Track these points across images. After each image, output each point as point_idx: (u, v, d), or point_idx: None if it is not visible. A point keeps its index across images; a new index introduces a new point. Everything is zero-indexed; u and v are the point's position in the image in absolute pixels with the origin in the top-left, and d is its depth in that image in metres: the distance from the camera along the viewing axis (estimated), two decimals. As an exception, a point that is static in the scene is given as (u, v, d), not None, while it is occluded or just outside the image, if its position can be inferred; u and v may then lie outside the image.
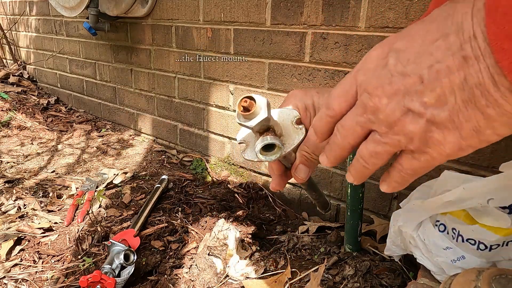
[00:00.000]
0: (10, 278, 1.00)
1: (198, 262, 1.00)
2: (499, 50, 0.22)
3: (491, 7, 0.23)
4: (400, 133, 0.28)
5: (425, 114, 0.26)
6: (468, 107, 0.25)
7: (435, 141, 0.27)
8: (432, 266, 0.78)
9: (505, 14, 0.22)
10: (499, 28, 0.22)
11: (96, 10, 1.77)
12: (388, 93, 0.28)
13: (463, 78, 0.24)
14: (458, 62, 0.24)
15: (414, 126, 0.27)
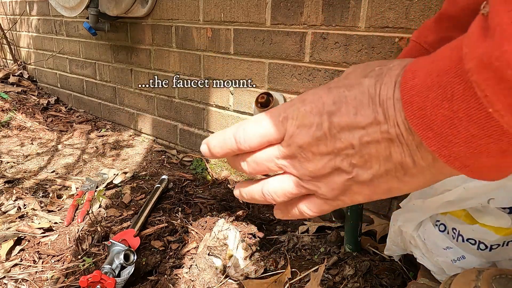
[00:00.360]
0: (10, 278, 1.00)
1: (198, 262, 1.00)
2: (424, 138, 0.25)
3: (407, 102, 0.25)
4: (322, 183, 0.31)
5: (351, 173, 0.29)
6: (388, 174, 0.29)
7: (351, 192, 0.31)
8: (432, 266, 0.78)
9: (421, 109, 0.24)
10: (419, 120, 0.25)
11: (96, 10, 1.77)
12: (321, 152, 0.30)
13: (389, 153, 0.28)
14: (385, 141, 0.28)
15: (339, 180, 0.30)
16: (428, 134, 0.24)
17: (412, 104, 0.24)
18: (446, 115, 0.23)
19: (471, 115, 0.22)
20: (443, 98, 0.23)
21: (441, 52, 0.24)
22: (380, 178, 0.29)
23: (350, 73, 0.31)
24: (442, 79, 0.23)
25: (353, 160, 0.29)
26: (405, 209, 0.84)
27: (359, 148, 0.28)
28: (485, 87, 0.21)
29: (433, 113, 0.23)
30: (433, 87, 0.23)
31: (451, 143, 0.24)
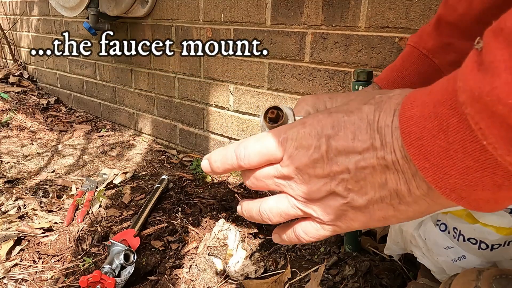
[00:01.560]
0: (10, 278, 1.00)
1: (198, 262, 1.00)
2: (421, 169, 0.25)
3: (405, 131, 0.26)
4: (318, 207, 0.31)
5: (346, 198, 0.30)
6: (384, 201, 0.29)
7: (347, 218, 0.31)
8: (433, 265, 0.78)
9: (418, 138, 0.25)
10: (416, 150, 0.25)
11: (96, 10, 1.77)
12: (317, 175, 0.30)
13: (384, 180, 0.28)
14: (381, 167, 0.28)
15: (334, 204, 0.30)
16: (425, 165, 0.24)
17: (411, 134, 0.25)
18: (442, 146, 0.23)
19: (466, 147, 0.22)
20: (439, 129, 0.23)
21: (438, 84, 0.25)
22: (375, 204, 0.29)
23: (352, 100, 0.32)
24: (438, 110, 0.23)
25: (349, 185, 0.29)
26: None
27: (354, 173, 0.29)
28: (478, 120, 0.21)
29: (430, 143, 0.24)
30: (430, 117, 0.24)
31: (447, 174, 0.24)
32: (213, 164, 0.35)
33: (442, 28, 0.55)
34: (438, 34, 0.55)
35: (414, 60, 0.56)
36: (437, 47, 0.55)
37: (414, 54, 0.57)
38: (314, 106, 0.47)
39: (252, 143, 0.32)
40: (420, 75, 0.56)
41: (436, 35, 0.55)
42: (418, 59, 0.56)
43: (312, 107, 0.46)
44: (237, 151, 0.33)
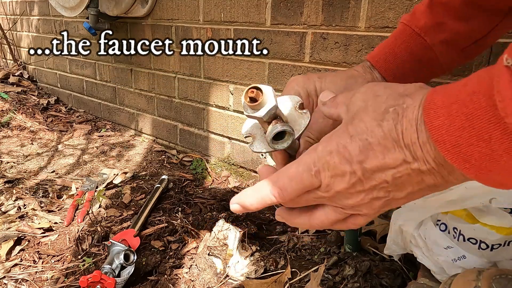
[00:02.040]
0: (10, 278, 1.00)
1: (198, 262, 1.00)
2: (463, 169, 0.28)
3: (439, 141, 0.28)
4: (364, 208, 0.35)
5: (388, 196, 0.34)
6: (421, 191, 0.33)
7: (389, 206, 0.35)
8: (433, 265, 0.78)
9: (455, 146, 0.28)
10: (454, 156, 0.28)
11: (96, 10, 1.77)
12: (359, 191, 0.34)
13: (421, 179, 0.32)
14: (416, 173, 0.31)
15: (378, 203, 0.35)
16: (466, 165, 0.28)
17: (445, 143, 0.28)
18: (484, 152, 0.26)
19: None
20: (479, 139, 0.26)
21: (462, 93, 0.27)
22: (414, 194, 0.34)
23: (361, 111, 0.34)
24: (475, 123, 0.26)
25: (389, 189, 0.33)
26: (406, 208, 0.84)
27: (392, 182, 0.33)
28: None
29: (469, 150, 0.27)
30: (465, 129, 0.26)
31: (492, 171, 0.27)
32: (250, 207, 0.38)
33: (435, 7, 0.55)
34: (430, 13, 0.55)
35: (406, 38, 0.57)
36: (429, 26, 0.56)
37: (406, 32, 0.57)
38: (304, 87, 0.48)
39: (287, 183, 0.35)
40: (412, 54, 0.57)
41: (429, 14, 0.56)
42: (410, 37, 0.57)
43: (302, 88, 0.48)
44: (275, 193, 0.36)
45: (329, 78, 0.51)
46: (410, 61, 0.57)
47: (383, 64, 0.57)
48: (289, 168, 0.36)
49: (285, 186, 0.35)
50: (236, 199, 0.39)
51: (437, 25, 0.55)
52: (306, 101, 0.49)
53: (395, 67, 0.57)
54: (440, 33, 0.55)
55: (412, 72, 0.58)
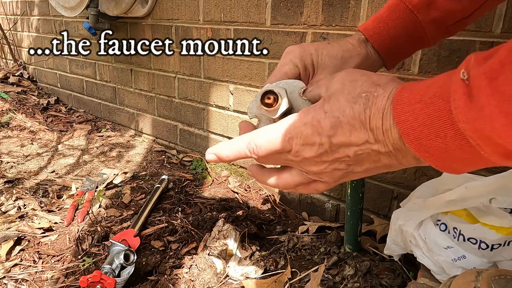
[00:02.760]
0: (10, 278, 1.00)
1: (198, 262, 1.00)
2: (423, 157, 0.33)
3: (404, 133, 0.33)
4: (325, 176, 0.41)
5: (348, 169, 0.39)
6: (377, 169, 0.39)
7: (347, 178, 0.41)
8: (433, 265, 0.78)
9: (417, 139, 0.33)
10: (416, 146, 0.33)
11: (96, 10, 1.77)
12: (323, 161, 0.39)
13: (378, 159, 0.37)
14: (375, 153, 0.37)
15: (338, 173, 0.40)
16: (426, 154, 0.33)
17: (409, 135, 0.33)
18: (441, 146, 0.31)
19: (464, 149, 0.30)
20: (437, 136, 0.31)
21: (426, 96, 0.32)
22: (371, 170, 0.39)
23: (338, 92, 0.38)
24: (434, 122, 0.31)
25: (349, 162, 0.39)
26: (406, 208, 0.84)
27: (354, 157, 0.38)
28: (479, 142, 0.29)
29: (428, 143, 0.32)
30: (426, 126, 0.31)
31: (446, 161, 0.32)
32: (225, 158, 0.42)
33: None
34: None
35: (399, 14, 0.59)
36: (422, 3, 0.57)
37: (400, 7, 0.59)
38: (302, 59, 0.52)
39: (263, 142, 0.40)
40: (404, 29, 0.59)
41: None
42: (404, 13, 0.58)
43: (300, 59, 0.52)
44: (250, 148, 0.40)
45: (325, 51, 0.54)
46: (402, 37, 0.59)
47: (377, 39, 0.59)
48: (267, 130, 0.40)
49: (260, 144, 0.40)
50: (213, 149, 0.43)
51: (429, 3, 0.57)
52: (303, 73, 0.52)
53: (389, 42, 0.59)
54: (431, 11, 0.57)
55: (402, 47, 0.60)
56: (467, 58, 0.30)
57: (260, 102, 0.42)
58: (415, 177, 1.07)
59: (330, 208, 1.28)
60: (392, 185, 1.12)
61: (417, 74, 1.02)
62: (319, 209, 1.31)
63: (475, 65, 0.28)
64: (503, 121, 0.26)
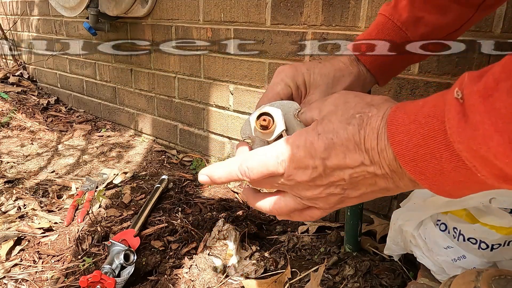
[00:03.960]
0: (10, 278, 1.00)
1: (198, 262, 1.00)
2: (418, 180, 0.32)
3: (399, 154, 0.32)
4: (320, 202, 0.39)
5: (343, 194, 0.38)
6: (374, 193, 0.37)
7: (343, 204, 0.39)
8: (433, 265, 0.78)
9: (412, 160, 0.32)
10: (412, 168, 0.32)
11: (96, 10, 1.77)
12: (317, 185, 0.37)
13: (374, 182, 0.36)
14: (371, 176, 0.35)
15: (334, 198, 0.38)
16: (422, 177, 0.32)
17: (405, 156, 0.32)
18: (436, 168, 0.30)
19: (459, 171, 0.29)
20: (432, 157, 0.30)
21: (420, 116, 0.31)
22: (367, 195, 0.38)
23: (331, 114, 0.37)
24: (429, 143, 0.30)
25: (345, 187, 0.37)
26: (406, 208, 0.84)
27: (349, 181, 0.36)
28: (475, 163, 0.28)
29: (424, 165, 0.31)
30: (421, 147, 0.30)
31: (442, 184, 0.31)
32: (217, 180, 0.41)
33: (416, 2, 0.57)
34: (412, 7, 0.57)
35: (389, 32, 0.59)
36: (410, 20, 0.58)
37: (388, 25, 0.59)
38: (294, 78, 0.51)
39: (254, 165, 0.38)
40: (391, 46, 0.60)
41: (410, 7, 0.57)
42: (393, 31, 0.59)
43: (292, 79, 0.51)
44: (241, 171, 0.39)
45: (317, 70, 0.53)
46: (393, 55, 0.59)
47: (367, 58, 0.59)
48: (259, 152, 0.39)
49: (252, 167, 0.38)
50: (205, 171, 0.41)
51: (417, 20, 0.57)
52: (295, 92, 0.51)
53: (379, 60, 0.59)
54: (420, 27, 0.57)
55: (393, 64, 0.60)
56: (461, 77, 0.29)
57: (255, 124, 0.41)
58: (415, 177, 1.07)
59: (330, 208, 1.28)
60: (392, 185, 1.12)
61: (417, 74, 1.02)
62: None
63: (469, 83, 0.28)
64: (498, 140, 0.25)
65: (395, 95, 1.07)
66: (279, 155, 0.38)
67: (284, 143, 0.38)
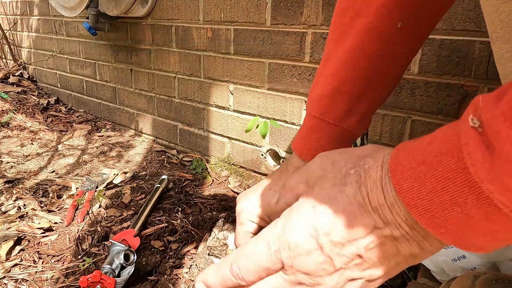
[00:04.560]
0: (10, 278, 1.00)
1: (198, 262, 1.00)
2: (438, 234, 0.26)
3: (411, 205, 0.26)
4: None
5: (364, 276, 0.30)
6: (399, 264, 0.30)
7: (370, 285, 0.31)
8: (432, 265, 0.78)
9: (428, 210, 0.26)
10: (429, 220, 0.26)
11: (96, 10, 1.77)
12: (330, 272, 0.29)
13: (396, 249, 0.29)
14: (390, 240, 0.28)
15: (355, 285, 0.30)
16: (442, 230, 0.25)
17: (418, 206, 0.26)
18: (460, 218, 0.24)
19: (491, 218, 0.23)
20: (453, 204, 0.24)
21: (429, 155, 0.25)
22: (393, 269, 0.30)
23: (321, 180, 0.32)
24: (448, 187, 0.24)
25: (363, 266, 0.29)
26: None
27: (366, 255, 0.29)
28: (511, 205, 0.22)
29: (443, 215, 0.25)
30: (437, 193, 0.25)
31: (470, 237, 0.25)
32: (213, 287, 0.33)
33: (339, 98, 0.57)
34: (337, 104, 0.57)
35: (325, 131, 0.58)
36: (341, 115, 0.57)
37: (322, 125, 0.59)
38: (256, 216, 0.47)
39: (244, 263, 0.31)
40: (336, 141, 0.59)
41: (336, 105, 0.57)
42: (328, 128, 0.58)
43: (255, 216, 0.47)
44: (234, 273, 0.31)
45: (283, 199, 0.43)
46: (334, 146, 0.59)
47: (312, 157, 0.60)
48: (247, 245, 0.32)
49: (243, 265, 0.31)
50: (200, 277, 0.34)
51: (347, 112, 0.57)
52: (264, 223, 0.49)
53: None
54: (352, 117, 0.57)
55: None
56: (473, 102, 0.24)
57: None
58: (415, 177, 1.07)
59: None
60: (392, 185, 1.12)
61: (417, 74, 1.02)
62: (319, 209, 1.30)
63: (486, 107, 0.22)
64: None
65: (395, 95, 1.07)
66: (270, 244, 0.30)
67: (272, 229, 0.31)
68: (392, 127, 1.10)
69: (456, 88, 0.97)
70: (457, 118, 1.06)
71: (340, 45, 0.55)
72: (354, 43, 0.53)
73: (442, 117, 1.00)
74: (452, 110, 0.98)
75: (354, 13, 0.52)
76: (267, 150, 1.44)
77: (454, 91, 0.97)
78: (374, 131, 1.13)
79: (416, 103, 1.04)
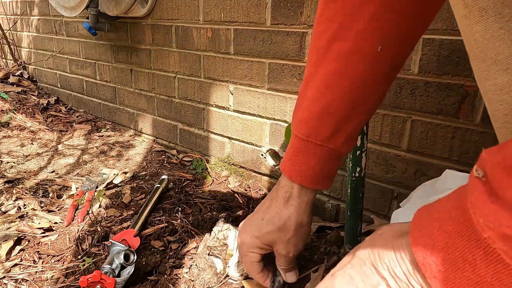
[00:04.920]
0: (10, 278, 1.00)
1: (198, 262, 1.00)
2: None
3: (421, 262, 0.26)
4: None
5: None
6: None
7: None
8: None
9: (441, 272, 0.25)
10: (442, 283, 0.25)
11: (96, 10, 1.77)
12: None
13: None
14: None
15: None
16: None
17: (431, 266, 0.25)
18: (472, 278, 0.23)
19: (501, 278, 0.22)
20: (464, 262, 0.23)
21: (443, 212, 0.25)
22: None
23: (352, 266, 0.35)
24: (457, 242, 0.23)
25: None
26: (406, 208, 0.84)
27: None
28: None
29: (454, 276, 0.24)
30: (449, 249, 0.24)
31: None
32: None
33: (326, 120, 0.58)
34: (323, 126, 0.58)
35: (313, 152, 0.60)
36: (327, 136, 0.59)
37: (309, 146, 0.60)
38: (257, 246, 0.60)
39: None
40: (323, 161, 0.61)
41: (322, 127, 0.58)
42: (315, 149, 0.60)
43: (255, 248, 0.61)
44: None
45: (270, 229, 0.60)
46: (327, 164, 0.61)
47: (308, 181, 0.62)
48: None
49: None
50: None
51: (336, 131, 0.58)
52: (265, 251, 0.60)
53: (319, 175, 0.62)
54: (338, 137, 0.59)
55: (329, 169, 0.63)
56: (480, 156, 0.24)
57: None
58: (415, 177, 1.07)
59: (330, 208, 1.28)
60: (392, 185, 1.12)
61: (417, 74, 1.02)
62: (319, 209, 1.31)
63: (488, 157, 0.23)
64: None
65: (395, 95, 1.07)
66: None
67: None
68: (392, 127, 1.10)
69: (456, 88, 0.97)
70: (457, 118, 1.06)
71: (321, 68, 0.56)
72: (336, 66, 0.54)
73: (442, 117, 1.00)
74: (452, 110, 0.98)
75: (331, 37, 0.53)
76: (267, 150, 1.44)
77: (454, 91, 0.97)
78: (374, 131, 1.13)
79: (416, 103, 1.04)
